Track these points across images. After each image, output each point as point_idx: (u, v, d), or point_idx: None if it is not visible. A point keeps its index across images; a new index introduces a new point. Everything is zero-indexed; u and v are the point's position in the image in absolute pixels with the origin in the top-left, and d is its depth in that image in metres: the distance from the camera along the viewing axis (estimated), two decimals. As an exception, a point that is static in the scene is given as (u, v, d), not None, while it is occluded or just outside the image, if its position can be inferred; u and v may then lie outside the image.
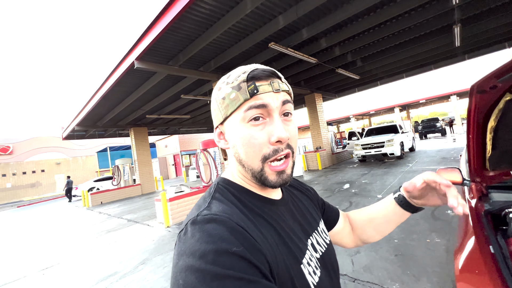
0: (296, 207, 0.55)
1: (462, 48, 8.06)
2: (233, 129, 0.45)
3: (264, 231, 0.41)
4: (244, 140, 0.43)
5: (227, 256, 0.32)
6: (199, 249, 0.33)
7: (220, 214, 0.38)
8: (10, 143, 24.21)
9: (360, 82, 11.31)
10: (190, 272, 0.31)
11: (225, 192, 0.46)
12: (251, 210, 0.44)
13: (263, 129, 0.43)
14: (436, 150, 10.10)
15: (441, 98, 24.01)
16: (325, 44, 6.09)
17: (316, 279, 0.44)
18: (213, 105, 0.49)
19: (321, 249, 0.51)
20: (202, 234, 0.35)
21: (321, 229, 0.57)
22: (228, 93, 0.44)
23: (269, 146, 0.43)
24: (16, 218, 10.60)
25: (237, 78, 0.44)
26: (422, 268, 2.08)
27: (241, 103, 0.43)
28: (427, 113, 53.73)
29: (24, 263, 4.00)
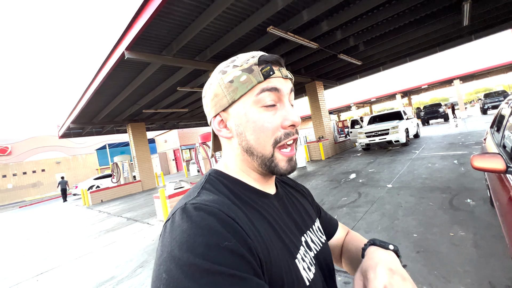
0: (291, 203, 0.53)
1: (470, 28, 7.68)
2: (242, 114, 0.43)
3: (257, 224, 0.39)
4: (257, 125, 0.42)
5: (217, 250, 0.30)
6: (187, 241, 0.30)
7: (210, 204, 0.36)
8: (8, 144, 23.99)
9: (362, 68, 10.94)
10: (176, 265, 0.29)
11: (216, 183, 0.44)
12: (244, 202, 0.42)
13: (275, 114, 0.42)
14: (441, 135, 9.83)
15: (444, 83, 23.57)
16: (327, 27, 5.73)
17: (311, 275, 0.42)
18: (214, 90, 0.45)
19: (315, 248, 0.49)
20: (191, 224, 0.32)
21: (317, 228, 0.54)
22: (237, 76, 0.42)
23: (280, 130, 0.42)
24: (17, 219, 10.47)
25: (247, 61, 0.43)
26: (450, 267, 1.85)
27: (254, 86, 0.42)
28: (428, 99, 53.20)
29: (19, 268, 3.81)
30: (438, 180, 4.09)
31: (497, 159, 1.42)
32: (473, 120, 13.82)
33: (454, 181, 3.87)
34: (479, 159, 1.52)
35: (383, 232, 2.66)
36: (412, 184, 4.18)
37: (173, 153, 22.84)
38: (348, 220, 3.19)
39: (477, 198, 3.04)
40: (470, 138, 7.64)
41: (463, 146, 6.67)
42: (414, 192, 3.73)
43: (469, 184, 3.61)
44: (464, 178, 3.93)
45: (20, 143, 24.79)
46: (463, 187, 3.54)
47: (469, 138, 7.68)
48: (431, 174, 4.52)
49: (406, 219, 2.86)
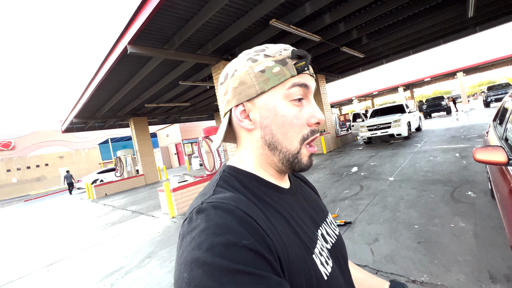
0: (305, 197, 0.53)
1: (475, 19, 7.56)
2: (270, 107, 0.41)
3: (274, 221, 0.38)
4: (287, 120, 0.41)
5: (236, 249, 0.30)
6: (205, 241, 0.30)
7: (227, 202, 0.35)
8: (11, 139, 24.14)
9: (365, 61, 10.84)
10: (196, 265, 0.29)
11: (231, 179, 0.43)
12: (259, 198, 0.41)
13: (302, 110, 0.42)
14: (443, 128, 9.81)
15: (447, 76, 23.31)
16: (329, 20, 5.67)
17: (329, 269, 0.42)
18: (242, 78, 0.42)
19: (331, 240, 0.49)
20: (209, 224, 0.32)
21: (330, 221, 0.55)
22: (270, 66, 0.41)
23: (306, 127, 0.43)
24: (22, 212, 10.65)
25: (280, 53, 0.42)
26: (451, 257, 1.91)
27: (286, 79, 0.41)
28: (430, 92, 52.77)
29: (29, 260, 3.92)
30: (440, 173, 4.13)
31: (499, 151, 1.45)
32: (476, 113, 13.75)
33: (456, 174, 3.90)
34: (481, 151, 1.55)
35: (385, 224, 2.71)
36: (414, 177, 4.22)
37: (175, 147, 22.93)
38: (351, 212, 3.25)
39: (478, 190, 3.08)
40: (472, 131, 7.63)
41: (465, 139, 6.68)
42: (416, 185, 3.77)
43: (470, 177, 3.65)
44: (466, 171, 3.96)
45: (24, 137, 24.94)
46: (464, 179, 3.58)
47: (471, 132, 7.68)
48: (433, 167, 4.55)
49: (407, 211, 2.91)
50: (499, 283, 1.56)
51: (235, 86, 0.43)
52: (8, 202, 18.86)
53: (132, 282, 2.56)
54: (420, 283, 1.71)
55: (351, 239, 2.53)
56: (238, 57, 0.45)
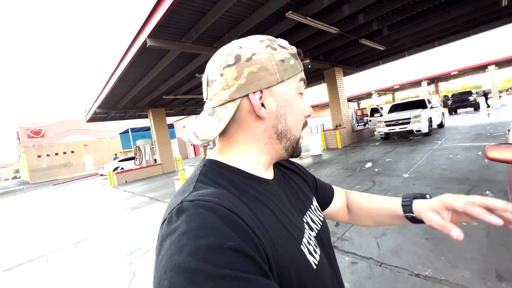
0: (288, 185, 0.52)
1: (509, 8, 7.01)
2: (288, 96, 0.43)
3: (260, 215, 0.37)
4: (299, 109, 0.45)
5: (221, 252, 0.28)
6: (187, 244, 0.28)
7: (209, 199, 0.33)
8: (41, 127, 25.82)
9: (385, 54, 10.43)
10: (177, 272, 0.27)
11: (212, 173, 0.41)
12: (244, 191, 0.40)
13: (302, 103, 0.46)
14: (468, 125, 9.31)
15: (477, 69, 21.81)
16: (348, 11, 5.52)
17: (317, 258, 0.42)
18: (264, 64, 0.40)
19: (316, 227, 0.50)
20: (190, 225, 0.30)
21: (315, 207, 0.55)
22: (288, 58, 0.42)
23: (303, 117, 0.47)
24: (52, 195, 11.52)
25: (290, 48, 0.44)
26: (458, 254, 1.90)
27: (298, 73, 0.44)
28: (458, 87, 49.65)
29: (59, 237, 4.31)
30: (458, 172, 3.99)
31: (511, 149, 1.43)
32: (507, 110, 12.85)
33: (475, 173, 3.76)
34: (494, 149, 1.51)
35: (395, 220, 2.71)
36: (430, 174, 4.11)
37: (191, 138, 23.47)
38: (360, 207, 3.25)
39: (497, 190, 2.97)
40: (500, 129, 7.20)
41: (490, 137, 6.33)
42: (431, 183, 3.69)
43: (490, 176, 3.51)
44: (486, 170, 3.80)
45: (52, 126, 26.58)
46: (483, 179, 3.45)
47: (498, 129, 7.25)
48: (451, 165, 4.40)
49: (419, 208, 2.87)
50: (505, 281, 1.55)
51: (253, 71, 0.40)
52: (40, 185, 20.39)
53: (149, 261, 2.77)
54: (423, 277, 1.73)
55: (358, 232, 2.57)
56: (250, 40, 0.42)
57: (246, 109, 0.41)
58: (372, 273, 1.90)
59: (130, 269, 2.67)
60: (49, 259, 3.34)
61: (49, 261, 3.27)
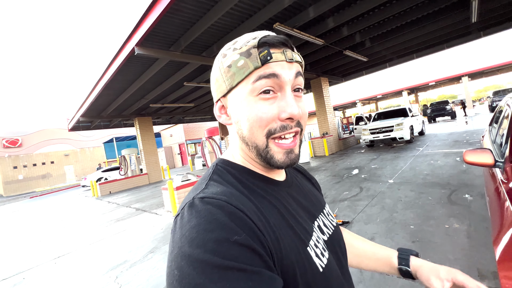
0: (301, 188, 0.53)
1: (478, 24, 7.58)
2: (238, 102, 0.41)
3: (267, 214, 0.38)
4: (251, 115, 0.39)
5: (228, 245, 0.30)
6: (196, 237, 0.30)
7: (217, 197, 0.35)
8: (18, 136, 24.62)
9: (368, 65, 10.90)
10: (187, 262, 0.29)
11: (224, 173, 0.43)
12: (252, 191, 0.41)
13: (273, 104, 0.39)
14: (447, 133, 9.81)
15: (452, 80, 23.19)
16: (333, 24, 5.77)
17: (325, 261, 0.42)
18: (215, 75, 0.43)
19: (328, 232, 0.49)
20: (200, 220, 0.32)
21: (327, 212, 0.55)
22: (235, 60, 0.39)
23: (277, 121, 0.39)
24: (28, 208, 10.87)
25: (247, 44, 0.39)
26: (442, 255, 1.98)
27: (251, 72, 0.38)
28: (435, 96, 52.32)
29: (37, 252, 4.06)
30: (439, 177, 4.18)
31: (486, 154, 1.53)
32: (481, 118, 13.68)
33: (455, 178, 3.95)
34: (471, 154, 1.62)
35: (382, 224, 2.78)
36: (413, 180, 4.27)
37: (179, 147, 23.14)
38: (349, 213, 3.32)
39: (475, 193, 3.13)
40: (475, 136, 7.63)
41: (467, 143, 6.69)
42: (415, 188, 3.83)
43: (469, 180, 3.70)
44: (465, 174, 4.01)
45: (31, 135, 25.39)
46: (463, 183, 3.63)
47: (474, 136, 7.68)
48: (433, 171, 4.60)
49: (404, 212, 2.98)
50: (486, 279, 1.63)
51: (213, 83, 0.44)
52: (15, 198, 19.20)
53: (136, 274, 2.66)
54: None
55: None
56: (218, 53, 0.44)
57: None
58: (363, 277, 1.93)
59: (116, 283, 2.56)
60: (26, 276, 3.13)
61: (26, 279, 3.07)
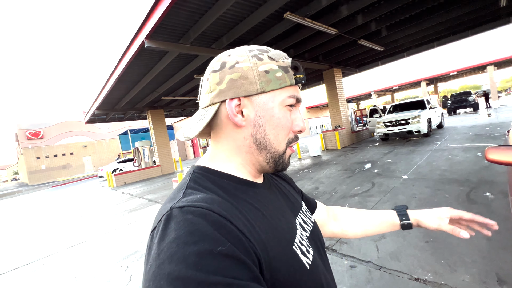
0: (278, 189, 0.53)
1: (508, 8, 7.01)
2: (269, 107, 0.42)
3: (251, 218, 0.37)
4: (281, 122, 0.43)
5: (211, 257, 0.28)
6: (176, 252, 0.28)
7: (198, 204, 0.33)
8: (40, 128, 25.76)
9: (384, 54, 10.42)
10: (167, 281, 0.26)
11: (202, 179, 0.41)
12: (234, 195, 0.40)
13: (290, 116, 0.44)
14: (468, 126, 9.30)
15: (475, 69, 21.86)
16: (347, 12, 5.50)
17: (310, 258, 0.42)
18: (245, 73, 0.41)
19: (308, 228, 0.51)
20: (179, 232, 0.29)
21: (305, 209, 0.57)
22: (274, 70, 0.41)
23: (291, 132, 0.45)
24: (50, 197, 11.46)
25: (283, 60, 0.43)
26: (458, 258, 1.87)
27: (285, 86, 0.42)
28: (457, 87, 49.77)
29: (56, 240, 4.27)
30: (457, 173, 3.97)
31: (511, 151, 1.40)
32: (506, 110, 12.86)
33: (475, 174, 3.74)
34: (494, 151, 1.49)
35: (394, 222, 2.68)
36: (429, 175, 4.08)
37: (191, 139, 23.44)
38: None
39: (497, 191, 2.94)
40: (499, 130, 7.19)
41: (490, 137, 6.32)
42: (431, 184, 3.66)
43: (490, 177, 3.48)
44: (486, 171, 3.78)
45: (51, 127, 26.52)
46: (483, 180, 3.43)
47: (498, 130, 7.23)
48: (451, 166, 4.37)
49: (418, 210, 2.85)
50: (506, 285, 1.53)
51: (234, 78, 0.41)
52: (38, 187, 20.33)
53: (145, 265, 2.73)
54: (423, 281, 1.70)
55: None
56: (239, 49, 0.43)
57: (224, 114, 0.43)
58: (371, 277, 1.86)
59: (126, 273, 2.64)
60: (45, 263, 3.30)
61: (45, 265, 3.23)
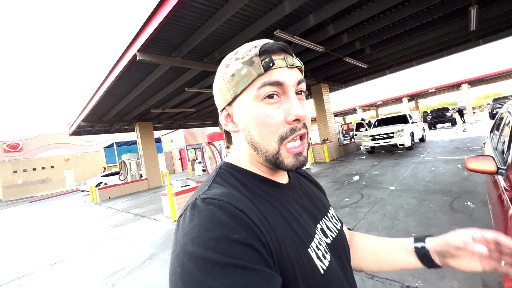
0: (304, 192, 0.53)
1: (477, 32, 7.66)
2: (244, 109, 0.42)
3: (267, 215, 0.39)
4: (259, 120, 0.40)
5: (228, 243, 0.31)
6: (198, 236, 0.31)
7: (219, 197, 0.36)
8: (19, 140, 24.66)
9: (368, 71, 10.97)
10: (189, 260, 0.30)
11: (227, 175, 0.44)
12: (254, 193, 0.42)
13: (279, 108, 0.40)
14: (447, 140, 9.79)
15: (452, 87, 23.29)
16: (333, 31, 5.83)
17: (326, 263, 0.42)
18: (219, 85, 0.45)
19: (331, 235, 0.49)
20: (201, 219, 0.33)
21: (331, 215, 0.55)
22: (238, 69, 0.41)
23: (285, 125, 0.40)
24: (27, 213, 10.80)
25: (248, 53, 0.41)
26: (445, 264, 1.94)
27: (254, 79, 0.40)
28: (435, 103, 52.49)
29: (33, 258, 4.01)
30: (440, 183, 4.14)
31: (488, 161, 1.51)
32: (481, 125, 13.67)
33: (457, 185, 3.92)
34: (473, 161, 1.61)
35: (384, 231, 2.74)
36: (415, 186, 4.23)
37: (179, 152, 23.13)
38: (350, 220, 3.28)
39: (478, 201, 3.09)
40: (476, 143, 7.61)
41: (468, 150, 6.67)
42: (416, 195, 3.79)
43: (470, 187, 3.66)
44: (467, 182, 3.97)
45: (31, 139, 25.45)
46: (464, 190, 3.60)
47: (475, 143, 7.66)
48: (434, 178, 4.56)
49: (406, 220, 2.94)
50: (491, 290, 1.59)
51: (217, 93, 0.45)
52: (14, 203, 19.11)
53: (133, 282, 2.61)
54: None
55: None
56: (220, 63, 0.47)
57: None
58: (364, 286, 1.88)
59: (112, 291, 2.51)
60: (22, 283, 3.08)
61: (21, 285, 3.02)
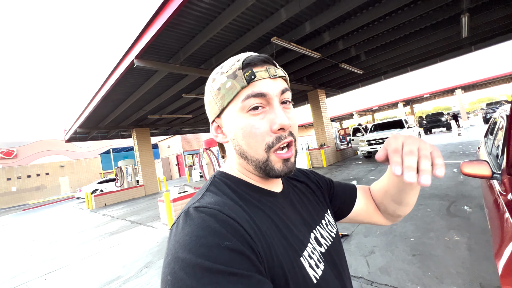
0: (298, 199, 0.53)
1: (469, 39, 7.84)
2: (231, 121, 0.44)
3: (259, 223, 0.39)
4: (245, 131, 0.42)
5: (219, 250, 0.31)
6: (189, 243, 0.32)
7: (211, 206, 0.37)
8: (14, 147, 24.34)
9: (364, 77, 11.12)
10: (180, 267, 0.30)
11: (220, 184, 0.45)
12: (247, 201, 0.43)
13: (264, 118, 0.42)
14: (443, 144, 9.89)
15: (446, 92, 23.66)
16: (329, 38, 5.92)
17: (319, 272, 0.42)
18: (208, 98, 0.47)
19: (326, 243, 0.49)
20: (193, 227, 0.34)
21: (327, 222, 0.55)
22: (223, 83, 0.43)
23: (271, 134, 0.42)
24: (21, 221, 10.60)
25: (232, 67, 0.43)
26: (444, 269, 1.94)
27: (238, 92, 0.41)
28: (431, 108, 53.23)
29: (26, 268, 3.91)
30: (437, 188, 4.17)
31: (483, 165, 1.53)
32: (476, 130, 13.86)
33: (453, 189, 3.94)
34: (468, 165, 1.63)
35: (382, 237, 2.74)
36: (412, 191, 4.25)
37: (176, 158, 23.01)
38: (348, 225, 3.27)
39: (474, 205, 3.12)
40: (471, 147, 7.70)
41: (463, 155, 6.74)
42: (413, 199, 3.80)
43: (467, 192, 3.69)
44: (463, 186, 4.01)
45: (26, 146, 25.15)
46: (461, 194, 3.62)
47: (470, 147, 7.75)
48: (431, 182, 4.59)
49: (404, 225, 2.94)
50: (490, 295, 1.59)
51: (207, 106, 0.48)
52: (6, 211, 18.76)
53: (129, 291, 2.57)
54: (413, 294, 1.73)
55: (348, 251, 2.56)
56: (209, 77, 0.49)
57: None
58: (363, 292, 1.87)
59: (108, 300, 2.46)
60: (14, 294, 3.01)
61: (14, 296, 2.94)
